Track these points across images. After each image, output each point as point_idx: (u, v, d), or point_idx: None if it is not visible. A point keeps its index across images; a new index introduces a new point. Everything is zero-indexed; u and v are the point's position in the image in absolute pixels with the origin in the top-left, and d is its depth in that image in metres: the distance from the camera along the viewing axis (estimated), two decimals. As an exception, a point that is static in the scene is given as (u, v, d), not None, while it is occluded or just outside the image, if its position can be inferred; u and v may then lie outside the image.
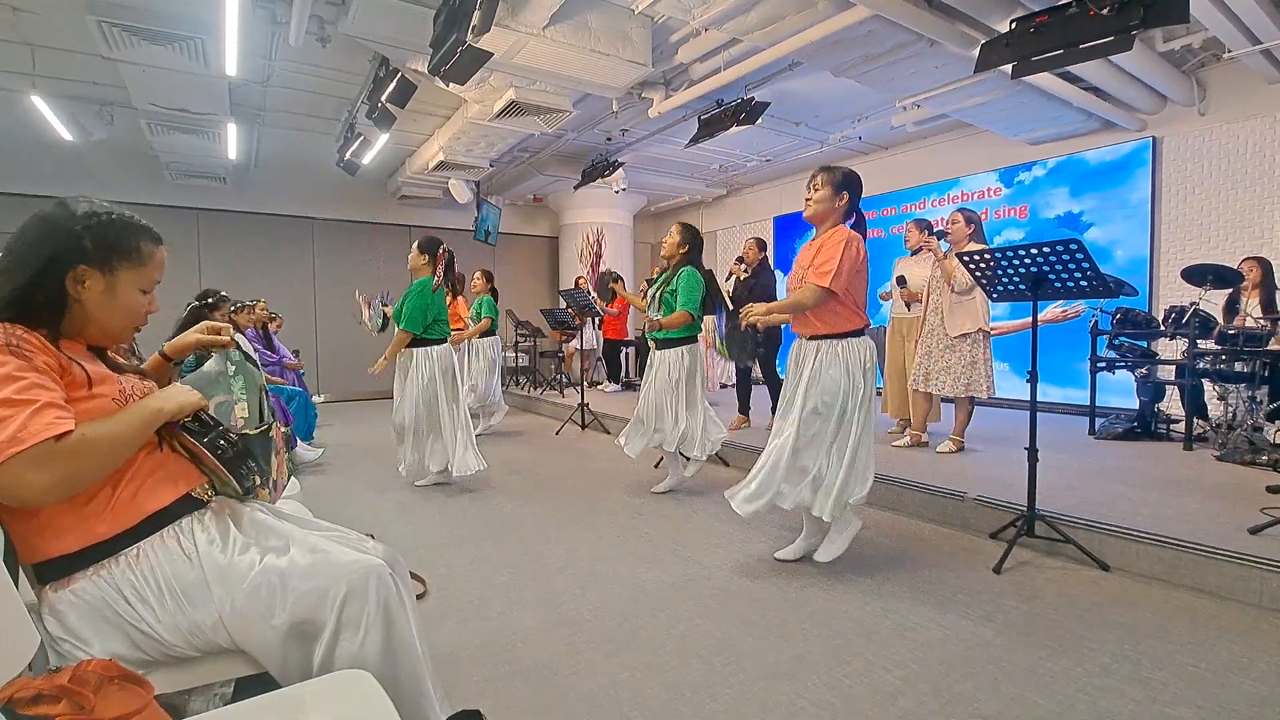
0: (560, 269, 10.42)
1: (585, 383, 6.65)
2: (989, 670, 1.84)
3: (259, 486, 1.29)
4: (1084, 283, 2.60)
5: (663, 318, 3.56)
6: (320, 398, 8.26)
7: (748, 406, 5.21)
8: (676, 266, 3.65)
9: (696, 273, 3.59)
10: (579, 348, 7.24)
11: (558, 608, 2.29)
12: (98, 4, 3.84)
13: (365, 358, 8.95)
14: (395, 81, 4.60)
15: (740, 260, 5.23)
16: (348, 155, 6.41)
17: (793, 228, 8.77)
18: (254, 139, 6.78)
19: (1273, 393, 3.85)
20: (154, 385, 1.29)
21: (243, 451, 1.25)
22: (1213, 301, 4.33)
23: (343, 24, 3.94)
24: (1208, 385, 4.34)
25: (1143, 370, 4.71)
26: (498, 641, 2.05)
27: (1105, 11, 3.07)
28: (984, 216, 4.82)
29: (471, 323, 6.01)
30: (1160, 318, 4.67)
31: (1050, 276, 2.63)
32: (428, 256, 3.83)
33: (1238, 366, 3.97)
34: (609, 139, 7.00)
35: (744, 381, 5.27)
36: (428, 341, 3.88)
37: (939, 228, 4.19)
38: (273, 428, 1.37)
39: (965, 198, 6.73)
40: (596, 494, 3.87)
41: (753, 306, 2.61)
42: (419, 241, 3.90)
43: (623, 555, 2.82)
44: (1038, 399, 2.73)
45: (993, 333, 4.03)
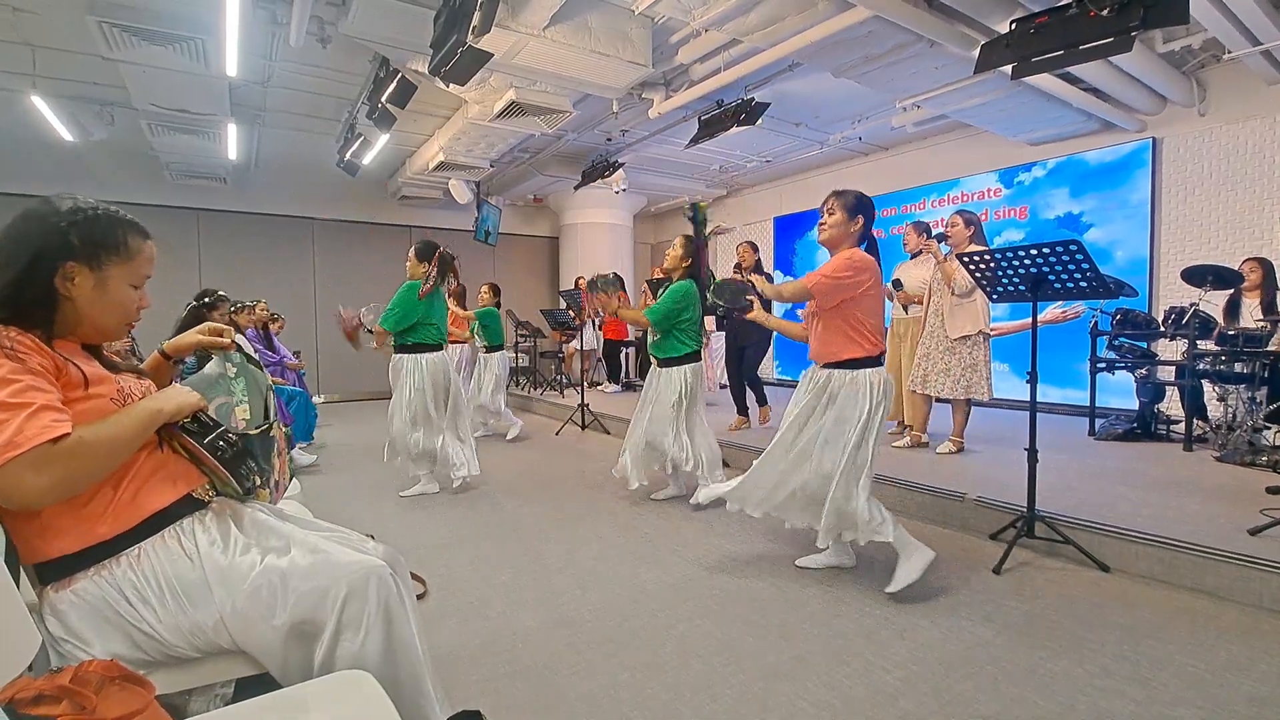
0: (560, 269, 10.42)
1: (585, 383, 6.66)
2: (989, 671, 1.84)
3: (259, 487, 1.29)
4: (1084, 284, 2.60)
5: (659, 338, 3.56)
6: (320, 398, 8.26)
7: (745, 407, 5.22)
8: (678, 280, 3.65)
9: (691, 288, 3.56)
10: (579, 348, 7.25)
11: (558, 608, 2.30)
12: (98, 4, 3.84)
13: (365, 358, 9.01)
14: (395, 82, 4.60)
15: (738, 267, 5.21)
16: (348, 156, 6.41)
17: (793, 228, 8.77)
18: (254, 139, 6.77)
19: (1272, 394, 3.84)
20: (152, 384, 1.29)
21: (242, 452, 1.25)
22: (1213, 302, 4.33)
23: (343, 24, 3.94)
24: (1207, 386, 4.34)
25: (1142, 371, 4.71)
26: (498, 641, 2.06)
27: (1105, 12, 3.07)
28: (984, 217, 4.82)
29: (476, 336, 5.98)
30: (1160, 318, 4.67)
31: (1050, 277, 2.63)
32: (425, 265, 3.72)
33: (1237, 367, 3.97)
34: (609, 139, 7.00)
35: (738, 383, 5.28)
36: (421, 348, 3.76)
37: (938, 230, 4.19)
38: (274, 427, 1.37)
39: (965, 198, 6.73)
40: (596, 494, 3.87)
41: (756, 277, 2.67)
42: (415, 247, 3.79)
43: (623, 555, 2.82)
44: (1037, 400, 2.73)
45: (992, 334, 4.03)
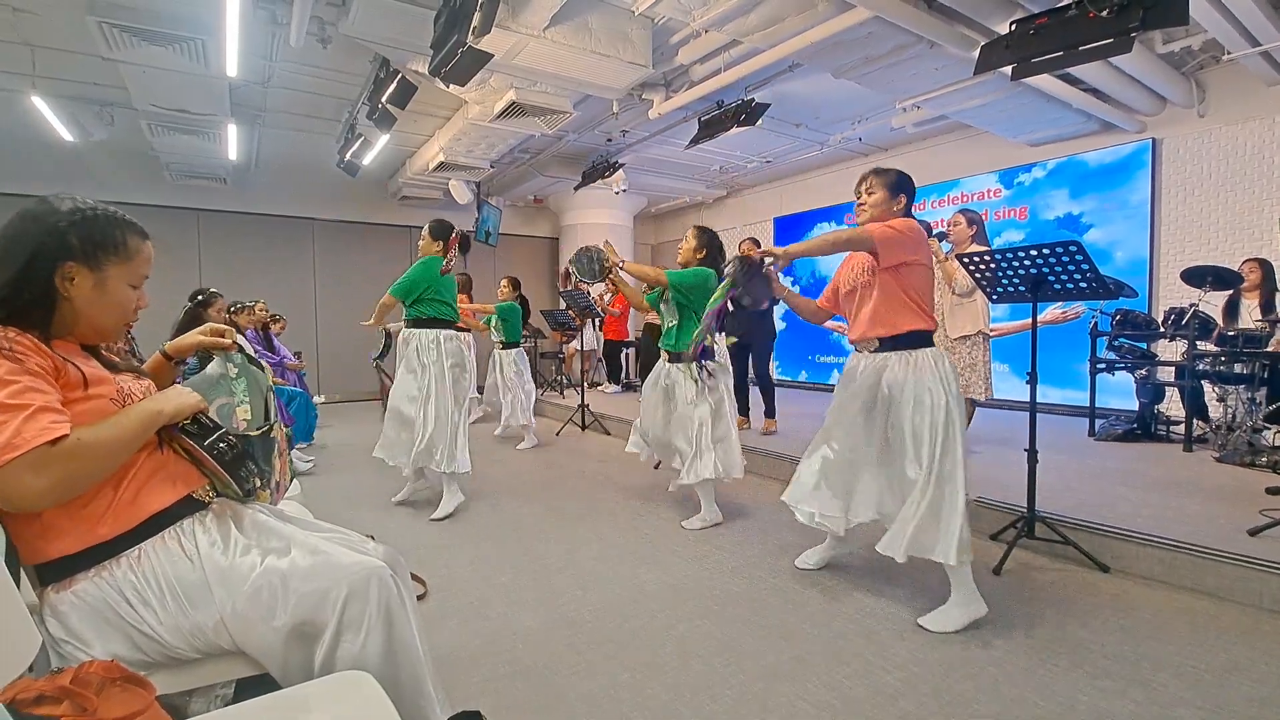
0: (561, 270, 10.42)
1: (585, 384, 6.66)
2: (989, 671, 1.84)
3: (260, 488, 1.29)
4: (1083, 284, 2.60)
5: (674, 320, 3.36)
6: (320, 398, 8.26)
7: (747, 407, 5.21)
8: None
9: (714, 275, 3.30)
10: (579, 349, 7.25)
11: (558, 608, 2.30)
12: (98, 4, 3.84)
13: (366, 358, 9.04)
14: (396, 82, 4.60)
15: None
16: (348, 156, 6.40)
17: (793, 229, 8.76)
18: (254, 140, 6.77)
19: (1272, 394, 3.85)
20: (151, 384, 1.29)
21: (242, 454, 1.25)
22: (1212, 303, 4.33)
23: (343, 25, 3.94)
24: (1207, 387, 4.34)
25: (1142, 372, 4.71)
26: (498, 642, 2.06)
27: (1105, 13, 3.07)
28: (984, 217, 4.81)
29: (494, 331, 5.94)
30: (1160, 319, 4.67)
31: (1050, 278, 2.64)
32: (441, 243, 3.63)
33: (1237, 368, 3.98)
34: (609, 140, 7.00)
35: (742, 384, 5.25)
36: (437, 323, 3.58)
37: (938, 229, 4.19)
38: (275, 428, 1.37)
39: (965, 199, 6.73)
40: (597, 495, 3.87)
41: (773, 248, 2.32)
42: (429, 226, 3.68)
43: (623, 556, 2.82)
44: (1037, 400, 2.73)
45: (992, 334, 4.03)
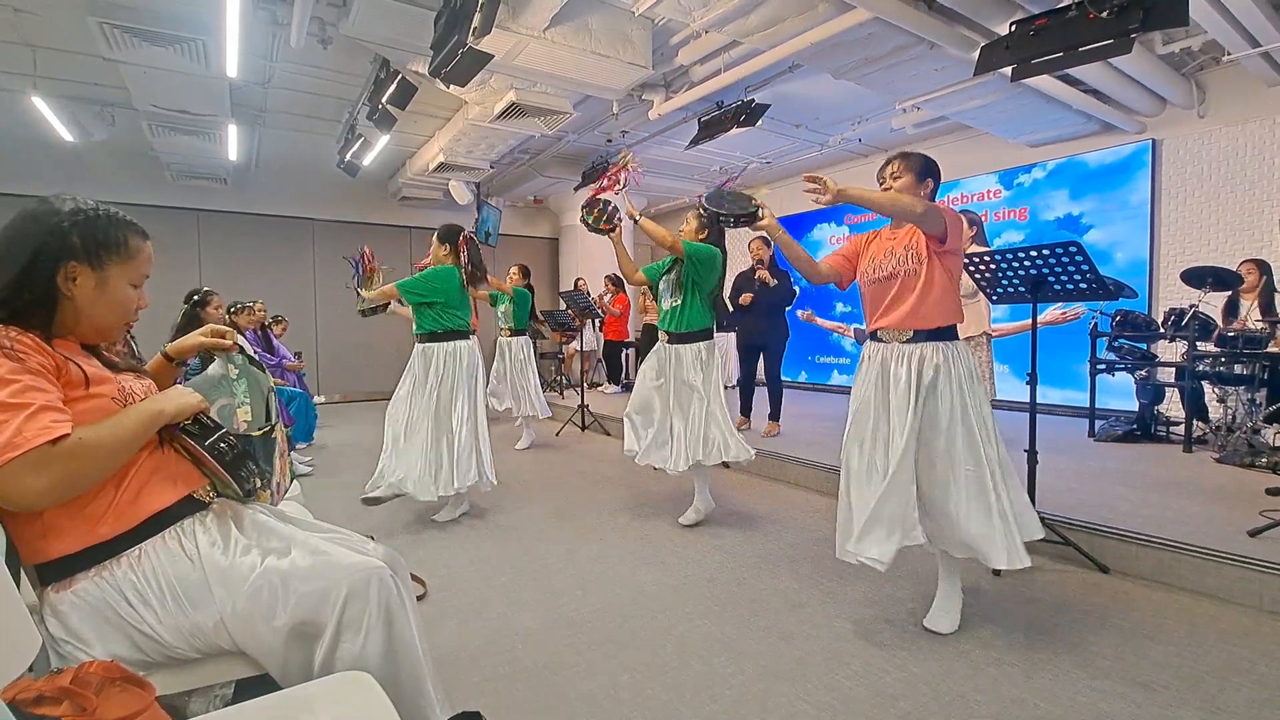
0: (560, 271, 10.43)
1: (585, 384, 6.66)
2: (989, 672, 1.84)
3: (260, 489, 1.29)
4: (1083, 285, 2.60)
5: (677, 300, 3.28)
6: (320, 399, 8.26)
7: (749, 408, 5.20)
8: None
9: (720, 255, 3.27)
10: (579, 349, 7.25)
11: (558, 608, 2.30)
12: (98, 5, 3.85)
13: (366, 358, 9.06)
14: (396, 83, 4.60)
15: (760, 263, 5.16)
16: (348, 156, 6.40)
17: (794, 230, 8.73)
18: (255, 140, 6.77)
19: (1272, 395, 3.85)
20: (153, 384, 1.29)
21: (243, 454, 1.25)
22: (1212, 304, 4.33)
23: (344, 26, 3.94)
24: (1207, 387, 4.34)
25: (1142, 372, 4.71)
26: (498, 642, 2.06)
27: (1105, 14, 3.07)
28: (984, 218, 4.82)
29: (501, 318, 5.80)
30: (1160, 320, 4.67)
31: (1050, 279, 2.64)
32: (448, 246, 3.48)
33: (1237, 369, 3.97)
34: (609, 140, 7.01)
35: (749, 385, 5.23)
36: (455, 334, 3.42)
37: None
38: (276, 429, 1.37)
39: (965, 200, 6.74)
40: (596, 495, 3.87)
41: (826, 179, 2.02)
42: (438, 232, 3.52)
43: (623, 556, 2.82)
44: (1037, 401, 2.73)
45: (994, 334, 4.04)
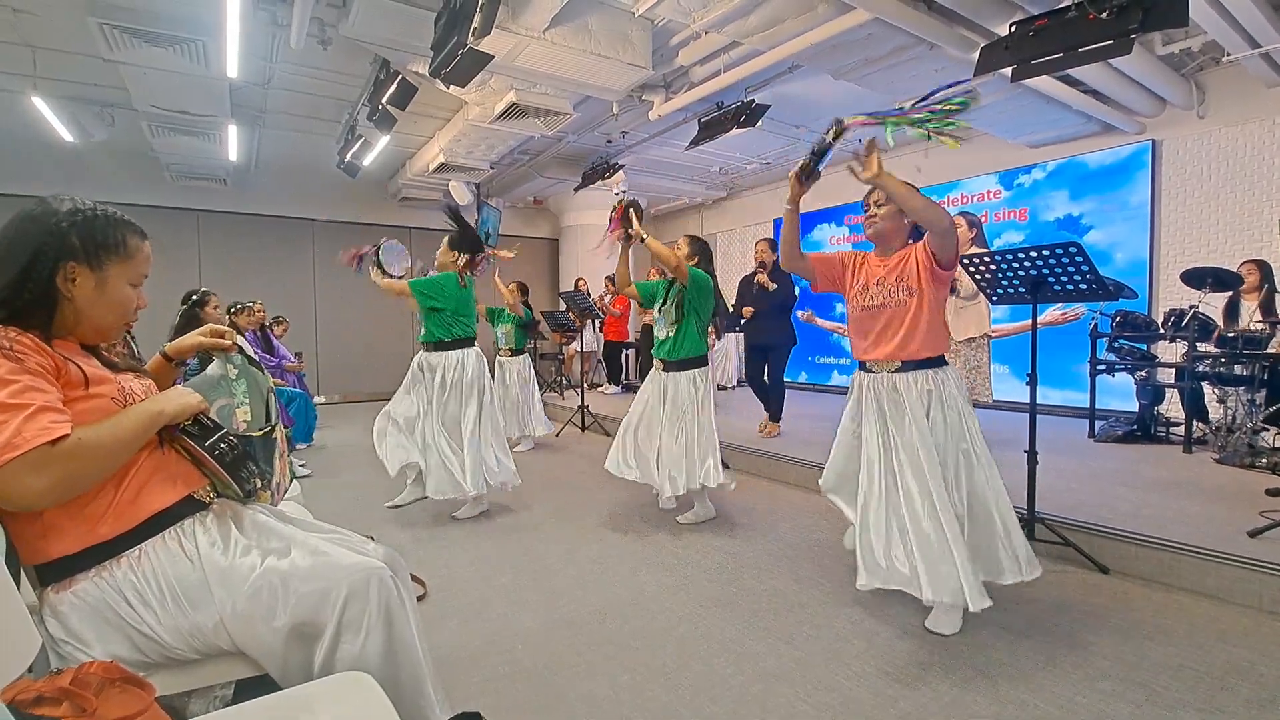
0: (560, 271, 10.42)
1: (585, 385, 6.66)
2: (989, 673, 1.84)
3: (260, 489, 1.29)
4: (1083, 286, 2.60)
5: (673, 329, 3.29)
6: (320, 399, 8.26)
7: (778, 414, 4.99)
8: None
9: (711, 282, 3.35)
10: (579, 350, 7.25)
11: (558, 609, 2.30)
12: (98, 5, 3.85)
13: (366, 359, 9.05)
14: (396, 84, 4.60)
15: (763, 265, 5.15)
16: (348, 157, 6.41)
17: (793, 230, 8.75)
18: (254, 141, 6.78)
19: (1272, 396, 3.85)
20: (153, 384, 1.29)
21: (243, 455, 1.25)
22: (1212, 304, 4.33)
23: (344, 26, 3.94)
24: (1207, 388, 4.34)
25: (1142, 373, 4.71)
26: (498, 642, 2.05)
27: (1104, 15, 3.08)
28: (984, 219, 4.82)
29: (500, 338, 5.78)
30: (1160, 320, 4.67)
31: (1050, 279, 2.64)
32: (457, 253, 3.48)
33: (1237, 369, 3.97)
34: (609, 141, 7.01)
35: (760, 387, 5.09)
36: (460, 343, 3.48)
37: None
38: (275, 429, 1.37)
39: (965, 200, 6.73)
40: (597, 495, 3.87)
41: (875, 151, 2.04)
42: (449, 238, 3.52)
43: (623, 556, 2.82)
44: (1037, 401, 2.73)
45: (993, 335, 4.04)
